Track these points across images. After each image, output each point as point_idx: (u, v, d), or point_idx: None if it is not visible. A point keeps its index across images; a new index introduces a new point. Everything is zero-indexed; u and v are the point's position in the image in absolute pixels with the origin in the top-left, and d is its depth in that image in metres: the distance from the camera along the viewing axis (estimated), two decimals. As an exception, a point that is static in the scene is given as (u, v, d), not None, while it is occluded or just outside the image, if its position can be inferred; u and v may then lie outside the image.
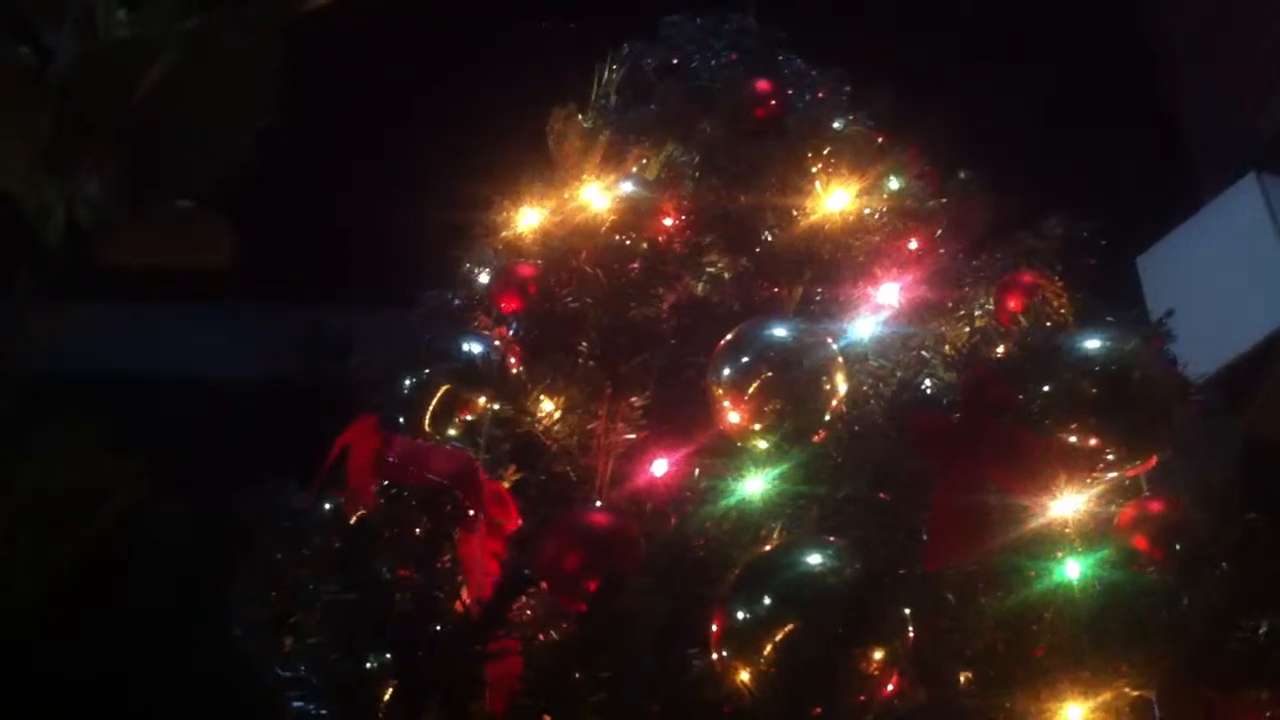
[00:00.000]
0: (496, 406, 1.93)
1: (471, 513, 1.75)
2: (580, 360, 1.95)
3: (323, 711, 1.74)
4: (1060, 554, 1.66)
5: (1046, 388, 1.65)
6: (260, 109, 1.02)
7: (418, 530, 1.79)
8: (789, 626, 1.40)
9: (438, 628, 1.61)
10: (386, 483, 1.87)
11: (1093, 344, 1.68)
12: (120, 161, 0.99)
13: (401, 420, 1.98)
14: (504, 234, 2.39)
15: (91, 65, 0.99)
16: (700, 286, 2.14)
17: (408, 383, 2.01)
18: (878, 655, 1.40)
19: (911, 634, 1.46)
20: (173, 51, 0.98)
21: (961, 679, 1.61)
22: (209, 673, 2.14)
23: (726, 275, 2.16)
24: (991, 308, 2.03)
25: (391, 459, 1.83)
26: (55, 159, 1.00)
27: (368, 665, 1.65)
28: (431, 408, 1.97)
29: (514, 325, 2.12)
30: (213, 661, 2.01)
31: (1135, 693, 1.52)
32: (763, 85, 2.61)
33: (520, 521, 1.76)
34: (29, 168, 0.99)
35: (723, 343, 1.79)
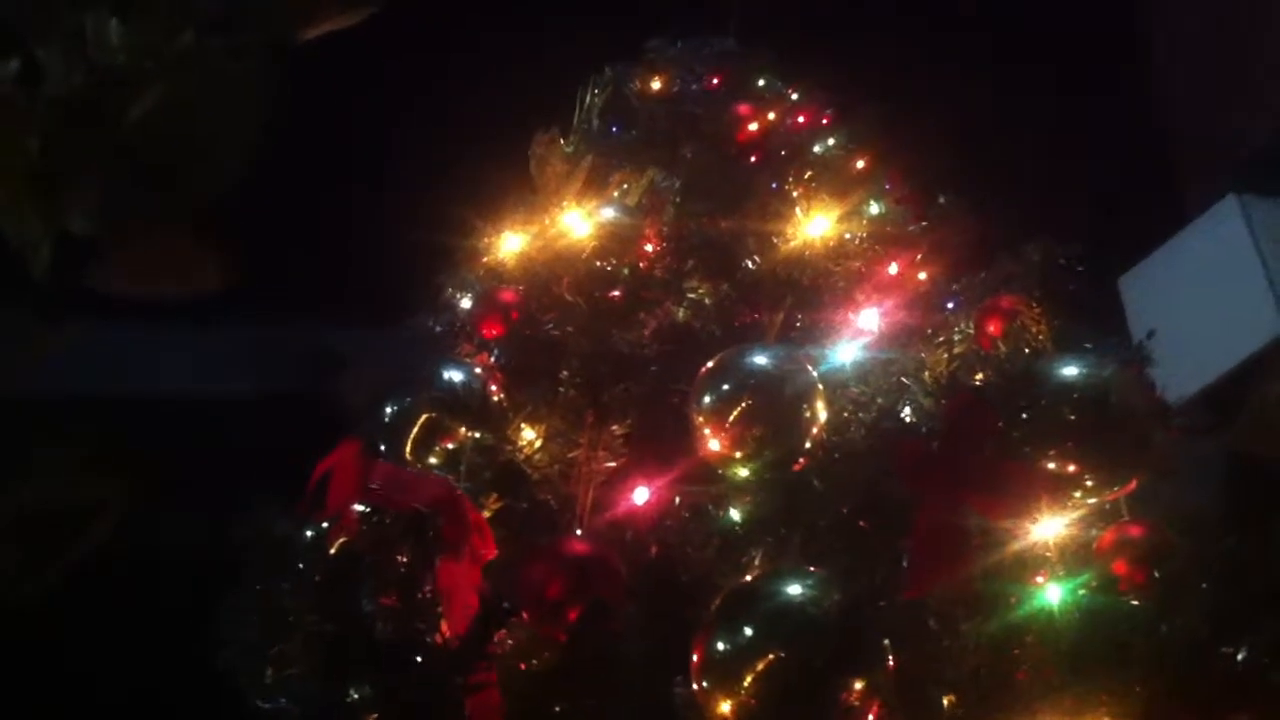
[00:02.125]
0: (478, 434, 1.92)
1: (454, 541, 1.75)
2: (562, 388, 1.96)
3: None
4: (1041, 579, 1.66)
5: (1025, 415, 1.66)
6: (255, 132, 1.02)
7: (399, 558, 1.79)
8: (770, 657, 1.41)
9: (419, 658, 1.60)
10: (368, 509, 1.86)
11: (1070, 370, 1.70)
12: (113, 186, 0.99)
13: (383, 447, 1.98)
14: (486, 259, 2.39)
15: (86, 88, 0.99)
16: (682, 312, 2.15)
17: (390, 409, 2.00)
18: (859, 685, 1.41)
19: (892, 662, 1.46)
20: (167, 75, 0.98)
21: (945, 702, 1.61)
22: (193, 699, 2.13)
23: (708, 301, 2.16)
24: (971, 333, 2.04)
25: (374, 485, 1.83)
26: (45, 185, 0.99)
27: (349, 696, 1.65)
28: (413, 435, 1.96)
29: (496, 351, 2.12)
30: (197, 689, 2.00)
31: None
32: (744, 109, 2.62)
33: (497, 551, 1.76)
34: (17, 194, 0.99)
35: (704, 370, 1.79)
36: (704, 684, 1.44)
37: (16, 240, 0.97)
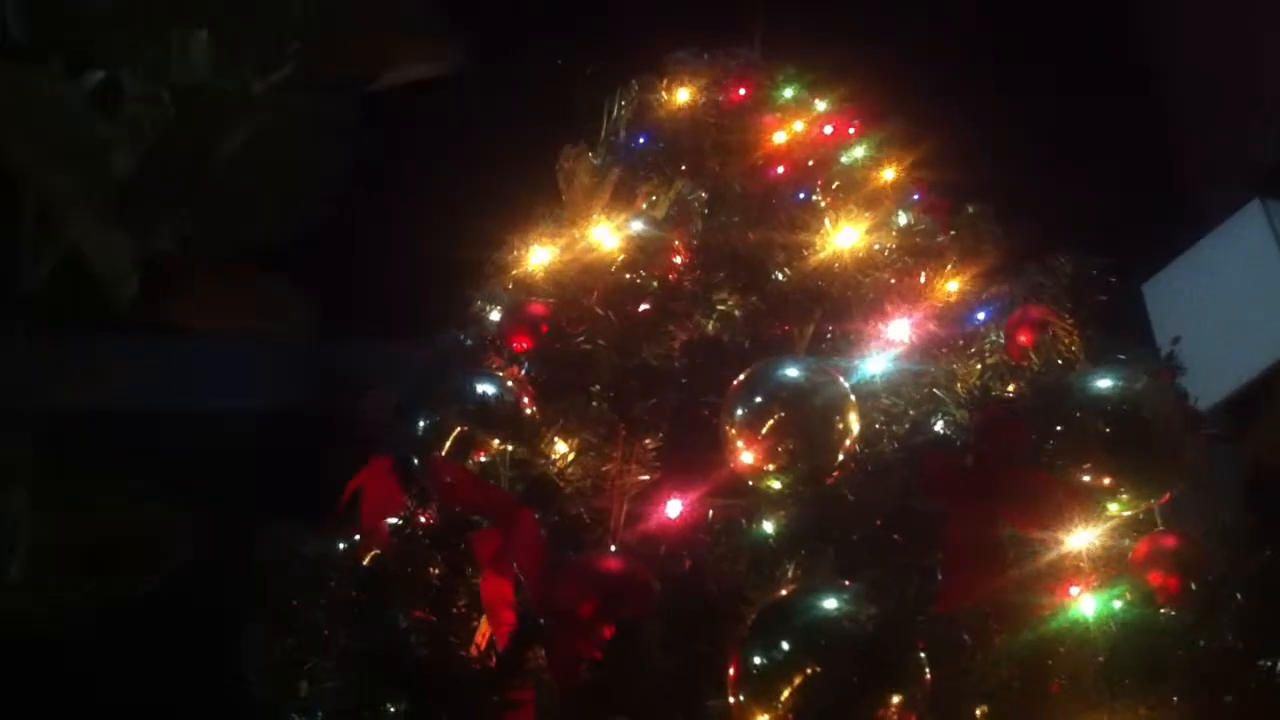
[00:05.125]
0: (510, 448, 1.93)
1: (501, 555, 1.74)
2: (593, 402, 1.96)
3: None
4: (1075, 591, 1.66)
5: (1058, 428, 1.66)
6: (331, 174, 1.02)
7: (433, 570, 1.79)
8: (806, 672, 1.40)
9: (454, 674, 1.61)
10: (402, 521, 1.87)
11: (1103, 383, 1.70)
12: (200, 217, 1.00)
13: (415, 462, 1.98)
14: (515, 272, 2.40)
15: (174, 114, 0.99)
16: (711, 325, 2.15)
17: (422, 424, 2.01)
18: (895, 700, 1.40)
19: (928, 676, 1.46)
20: (259, 108, 0.99)
21: (979, 715, 1.61)
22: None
23: (737, 313, 2.17)
24: (1003, 344, 2.04)
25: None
26: (131, 213, 0.99)
27: (383, 712, 1.65)
28: (446, 448, 1.97)
29: (525, 365, 2.12)
30: (230, 707, 2.01)
31: (1153, 732, 1.51)
32: (770, 121, 2.63)
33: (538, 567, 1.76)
34: (99, 220, 0.98)
35: (735, 383, 1.79)
36: (740, 698, 1.44)
37: (102, 270, 0.98)
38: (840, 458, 1.73)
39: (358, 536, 2.00)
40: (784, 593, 1.52)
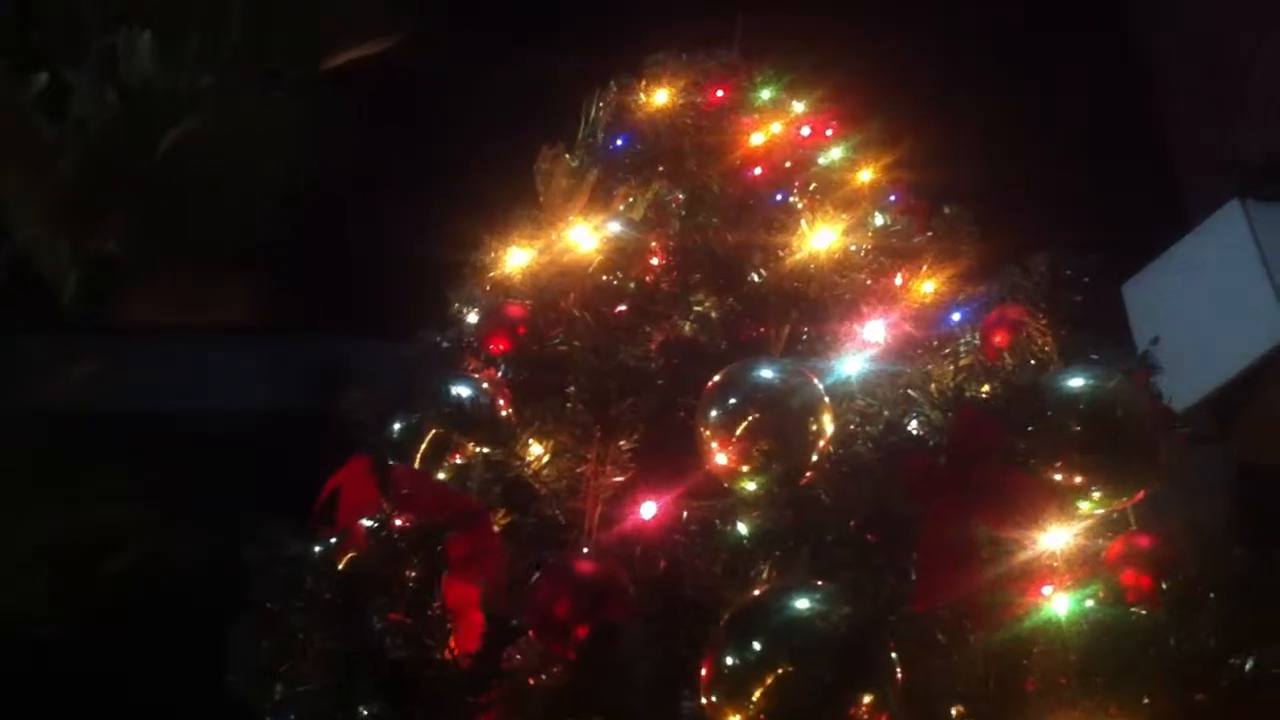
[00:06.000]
0: (486, 450, 1.93)
1: (466, 558, 1.75)
2: (569, 403, 1.96)
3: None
4: (1049, 590, 1.67)
5: (1031, 427, 1.67)
6: (286, 167, 1.02)
7: (410, 573, 1.80)
8: (779, 672, 1.40)
9: (430, 675, 1.61)
10: (377, 524, 1.87)
11: (1076, 381, 1.71)
12: (143, 216, 0.99)
13: (392, 463, 1.98)
14: (492, 274, 2.40)
15: (119, 115, 0.99)
16: (688, 326, 2.15)
17: (397, 426, 2.01)
18: (868, 699, 1.41)
19: (901, 675, 1.46)
20: (200, 106, 0.99)
21: (954, 714, 1.61)
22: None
23: (714, 315, 2.17)
24: (978, 345, 2.04)
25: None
26: (74, 213, 1.00)
27: (360, 714, 1.65)
28: (422, 450, 1.97)
29: (503, 367, 2.13)
30: (207, 709, 2.00)
31: (1126, 732, 1.52)
32: (748, 122, 2.63)
33: (503, 568, 1.76)
34: (45, 221, 0.99)
35: (710, 384, 1.80)
36: (713, 699, 1.44)
37: (45, 268, 0.98)
38: (814, 458, 1.74)
39: (334, 539, 2.00)
40: (756, 593, 1.52)
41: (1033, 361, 1.86)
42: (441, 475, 1.96)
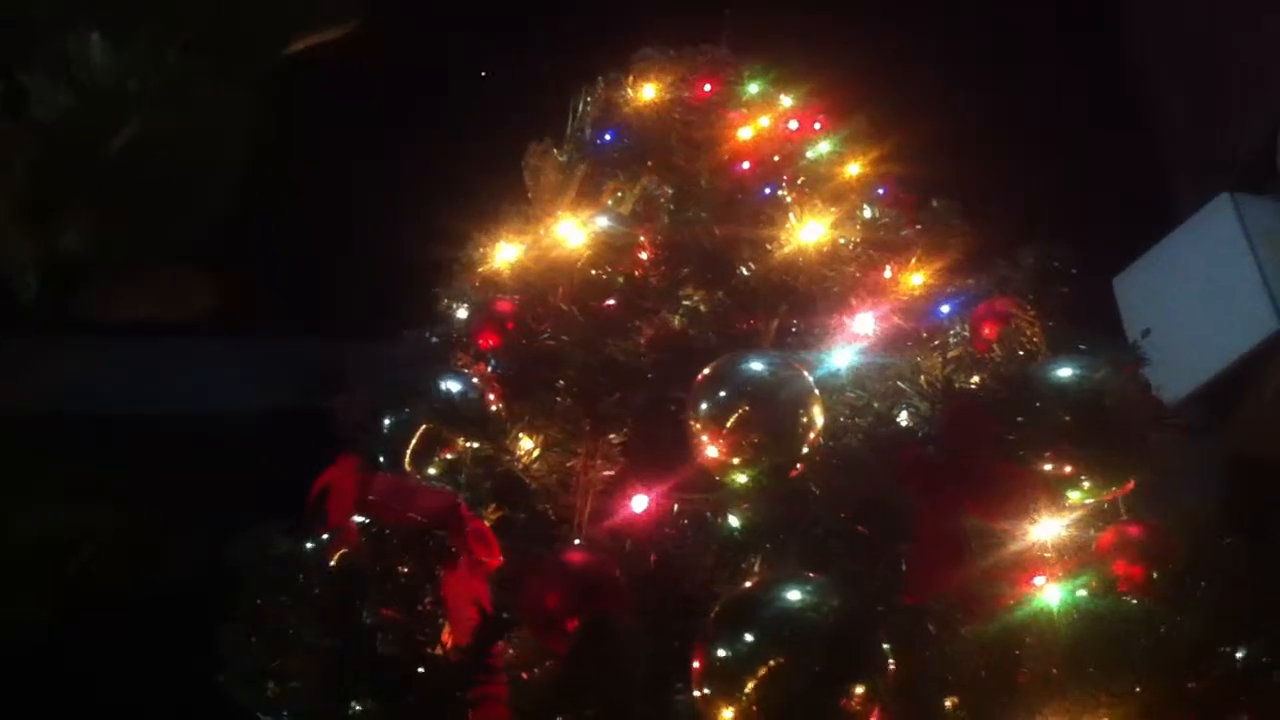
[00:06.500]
0: (477, 445, 1.93)
1: (455, 551, 1.75)
2: (559, 398, 1.96)
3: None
4: (1040, 580, 1.67)
5: (1021, 418, 1.68)
6: (242, 161, 1.02)
7: (401, 570, 1.79)
8: (770, 664, 1.40)
9: (422, 671, 1.60)
10: (369, 521, 1.87)
11: (1064, 372, 1.71)
12: (100, 214, 0.99)
13: (382, 459, 1.98)
14: (482, 270, 2.40)
15: (72, 114, 0.99)
16: (677, 320, 2.15)
17: (388, 421, 2.01)
18: (859, 691, 1.41)
19: (893, 667, 1.46)
20: (153, 101, 0.99)
21: (947, 705, 1.61)
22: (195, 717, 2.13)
23: (703, 308, 2.17)
24: (967, 336, 2.04)
25: (373, 497, 1.82)
26: (32, 212, 0.99)
27: (352, 710, 1.64)
28: (412, 446, 1.97)
29: (493, 362, 2.12)
30: (200, 707, 2.00)
31: (1116, 721, 1.52)
32: (736, 116, 2.63)
33: (501, 560, 1.76)
34: (3, 220, 0.99)
35: (700, 378, 1.79)
36: (705, 691, 1.43)
37: (3, 266, 0.98)
38: (805, 451, 1.73)
39: (326, 536, 1.99)
40: (747, 585, 1.52)
41: (1021, 353, 1.86)
42: (432, 471, 1.95)
